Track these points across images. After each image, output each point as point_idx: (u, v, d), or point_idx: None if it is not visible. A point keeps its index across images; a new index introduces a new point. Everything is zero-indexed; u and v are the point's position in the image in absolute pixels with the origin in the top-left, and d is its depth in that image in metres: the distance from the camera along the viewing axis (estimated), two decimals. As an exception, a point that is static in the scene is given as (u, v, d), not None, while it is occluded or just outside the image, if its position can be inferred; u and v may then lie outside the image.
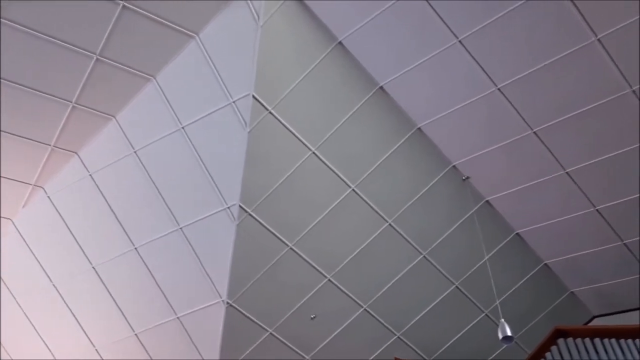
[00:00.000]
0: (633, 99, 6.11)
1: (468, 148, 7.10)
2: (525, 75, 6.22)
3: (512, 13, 5.76)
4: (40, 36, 5.84)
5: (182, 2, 5.94)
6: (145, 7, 5.86)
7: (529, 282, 8.16)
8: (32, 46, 5.88)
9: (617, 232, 7.44)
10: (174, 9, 5.94)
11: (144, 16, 5.91)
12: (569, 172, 6.96)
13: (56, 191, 7.19)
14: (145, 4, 5.85)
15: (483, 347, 8.20)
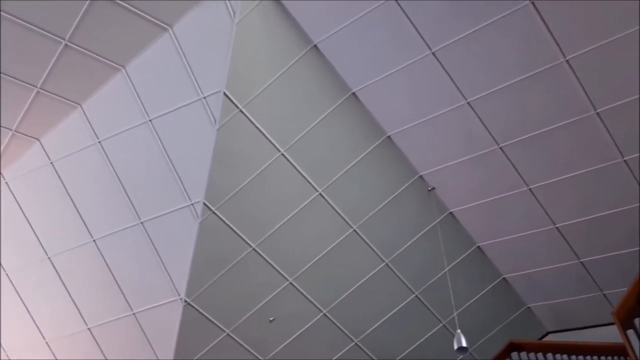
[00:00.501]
0: (597, 121, 6.26)
1: (435, 159, 7.16)
2: (494, 91, 6.31)
3: (486, 29, 5.84)
4: (8, 17, 5.67)
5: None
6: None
7: (487, 295, 8.27)
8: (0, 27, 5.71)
9: (575, 250, 7.60)
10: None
11: (117, 4, 5.80)
12: (532, 188, 7.09)
13: (15, 178, 6.99)
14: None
15: (439, 357, 8.27)
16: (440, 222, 7.63)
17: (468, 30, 5.90)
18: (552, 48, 5.78)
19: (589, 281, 7.89)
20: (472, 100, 6.46)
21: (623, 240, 7.30)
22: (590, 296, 8.08)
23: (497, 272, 8.21)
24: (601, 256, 7.56)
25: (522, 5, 5.52)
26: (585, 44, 5.69)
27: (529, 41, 5.81)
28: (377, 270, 7.73)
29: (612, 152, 6.47)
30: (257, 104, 6.48)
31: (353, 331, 8.02)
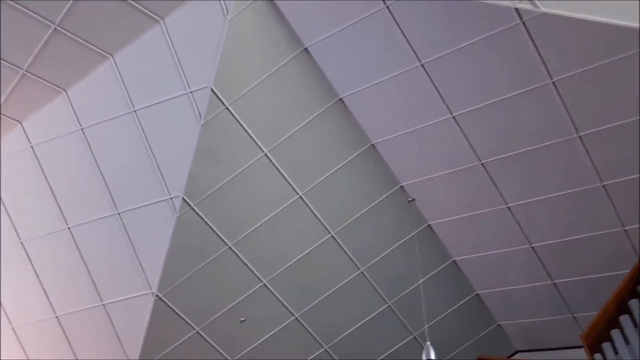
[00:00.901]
0: (579, 145, 6.33)
1: (417, 171, 7.20)
2: (480, 107, 6.36)
3: (476, 45, 5.88)
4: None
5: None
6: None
7: (460, 309, 8.30)
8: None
9: (549, 271, 7.67)
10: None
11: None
12: (510, 206, 7.15)
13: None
14: (113, -20, 5.72)
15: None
16: (418, 233, 7.66)
17: (458, 45, 5.94)
18: (540, 69, 5.84)
19: (560, 303, 7.97)
20: (457, 115, 6.51)
21: (596, 265, 7.38)
22: (561, 318, 8.15)
23: (470, 288, 8.25)
24: (574, 279, 7.63)
25: (513, 24, 5.58)
26: (573, 67, 5.76)
27: (517, 60, 5.87)
28: (352, 278, 7.73)
29: (591, 177, 6.55)
30: (243, 102, 6.47)
31: (323, 337, 8.00)
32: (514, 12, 5.44)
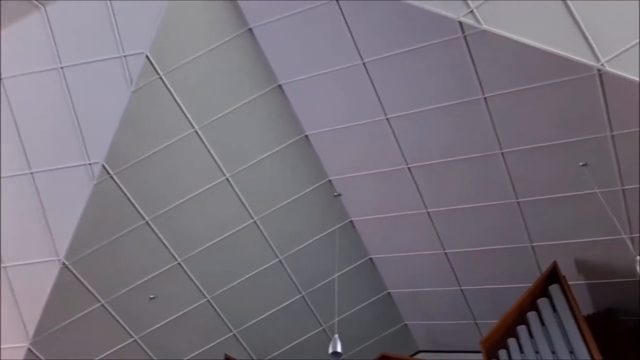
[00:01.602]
0: (500, 160, 6.59)
1: (347, 167, 7.26)
2: (414, 113, 6.49)
3: (418, 51, 5.98)
4: None
5: (94, -63, 5.51)
6: None
7: (370, 306, 8.48)
8: None
9: (458, 277, 7.98)
10: (84, -59, 5.50)
11: (47, -63, 5.41)
12: (430, 212, 7.36)
13: None
14: None
15: (312, 359, 8.38)
16: (340, 228, 7.74)
17: (401, 49, 6.02)
18: (475, 83, 6.02)
19: (465, 309, 8.31)
20: (391, 117, 6.61)
21: (502, 276, 7.74)
22: (464, 323, 8.51)
23: (383, 286, 8.44)
24: (480, 287, 7.97)
25: (455, 36, 5.71)
26: (505, 86, 5.97)
27: (455, 72, 6.02)
28: (269, 265, 7.71)
29: (508, 192, 6.85)
30: (179, 74, 6.26)
31: (233, 321, 7.93)
32: (457, 24, 5.56)
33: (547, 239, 7.11)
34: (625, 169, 6.07)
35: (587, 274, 7.31)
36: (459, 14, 5.49)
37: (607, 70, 5.31)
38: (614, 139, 5.87)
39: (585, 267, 7.23)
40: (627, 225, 6.50)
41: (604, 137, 5.90)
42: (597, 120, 5.79)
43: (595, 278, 7.31)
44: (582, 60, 5.34)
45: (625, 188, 6.22)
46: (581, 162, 6.19)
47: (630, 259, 5.53)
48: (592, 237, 6.86)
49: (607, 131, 5.83)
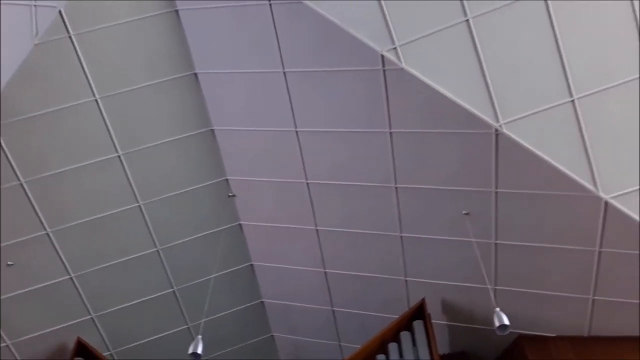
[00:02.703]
0: (393, 194, 6.82)
1: (247, 170, 7.20)
2: (323, 132, 6.57)
3: (339, 74, 6.07)
4: None
5: None
6: None
7: (241, 312, 8.42)
8: None
9: (333, 298, 8.13)
10: None
11: None
12: (319, 229, 7.46)
13: None
14: None
15: (170, 356, 8.14)
16: (227, 229, 7.63)
17: (324, 67, 6.09)
18: (385, 117, 6.21)
19: (333, 330, 8.47)
20: (300, 131, 6.65)
21: (373, 304, 7.98)
22: (329, 343, 8.66)
23: (258, 294, 8.41)
24: (351, 311, 8.17)
25: (375, 68, 5.87)
26: (412, 126, 6.20)
27: (369, 102, 6.17)
28: (145, 253, 7.43)
29: (394, 226, 7.09)
30: (91, 38, 5.92)
31: (95, 305, 7.52)
32: (380, 57, 5.73)
33: (421, 276, 7.44)
34: (501, 224, 6.51)
35: (450, 316, 7.72)
36: (383, 48, 5.66)
37: (503, 131, 5.70)
38: (497, 195, 6.28)
39: (450, 308, 7.63)
40: (494, 277, 6.96)
41: (489, 192, 6.29)
42: (486, 175, 6.17)
43: (456, 321, 7.74)
44: (483, 117, 5.69)
45: (497, 242, 6.66)
46: (465, 210, 6.56)
47: (490, 309, 5.91)
48: (461, 282, 7.26)
49: (493, 187, 6.23)
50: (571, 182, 5.76)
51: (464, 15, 5.52)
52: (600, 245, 6.16)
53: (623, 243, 6.05)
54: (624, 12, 5.41)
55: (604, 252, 6.21)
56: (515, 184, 6.13)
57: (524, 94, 5.66)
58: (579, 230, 6.15)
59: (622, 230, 5.91)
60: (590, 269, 6.41)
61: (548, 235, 6.37)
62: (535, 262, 6.64)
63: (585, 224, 6.06)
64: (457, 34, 5.59)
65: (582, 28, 5.49)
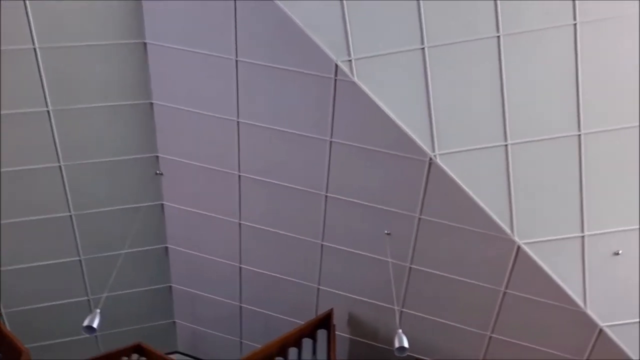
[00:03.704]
0: (322, 202, 6.86)
1: (180, 151, 7.04)
2: (265, 127, 6.53)
3: (291, 74, 6.05)
4: None
5: None
6: None
7: (147, 293, 8.20)
8: None
9: (243, 294, 8.06)
10: None
11: None
12: (242, 224, 7.39)
13: None
14: None
15: (65, 325, 7.81)
16: (148, 207, 7.43)
17: (277, 65, 6.05)
18: (328, 125, 6.24)
19: (237, 326, 8.40)
20: (242, 122, 6.58)
21: (282, 306, 7.99)
22: (230, 338, 8.58)
23: (168, 278, 8.23)
24: (259, 310, 8.14)
25: (328, 76, 5.89)
26: (352, 139, 6.26)
27: (316, 107, 6.19)
28: (58, 216, 7.11)
29: (317, 233, 7.13)
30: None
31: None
32: (334, 66, 5.76)
33: (333, 287, 7.51)
34: (419, 250, 6.69)
35: (355, 330, 7.84)
36: (339, 58, 5.70)
37: (437, 162, 5.86)
38: (420, 221, 6.44)
39: (356, 323, 7.75)
40: (402, 299, 7.12)
41: (413, 217, 6.45)
42: (413, 200, 6.32)
43: (359, 336, 7.87)
44: (421, 144, 5.83)
45: (412, 266, 6.84)
46: (387, 230, 6.69)
47: (393, 330, 6.05)
48: (371, 299, 7.39)
49: (417, 213, 6.39)
50: (490, 222, 6.00)
51: (421, 43, 5.65)
52: (506, 286, 6.45)
53: (527, 288, 6.35)
54: (568, 71, 5.69)
55: (509, 293, 6.50)
56: (438, 214, 6.31)
57: (463, 130, 5.85)
58: (490, 268, 6.41)
59: (529, 276, 6.20)
60: (493, 307, 6.69)
61: (460, 267, 6.60)
62: (444, 292, 6.86)
63: (496, 263, 6.32)
64: (412, 59, 5.70)
65: (528, 79, 5.73)
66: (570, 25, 5.53)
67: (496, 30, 5.58)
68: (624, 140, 5.78)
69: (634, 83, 5.65)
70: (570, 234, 6.00)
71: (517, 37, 5.60)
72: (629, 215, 5.95)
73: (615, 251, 6.04)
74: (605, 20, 5.50)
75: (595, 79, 5.65)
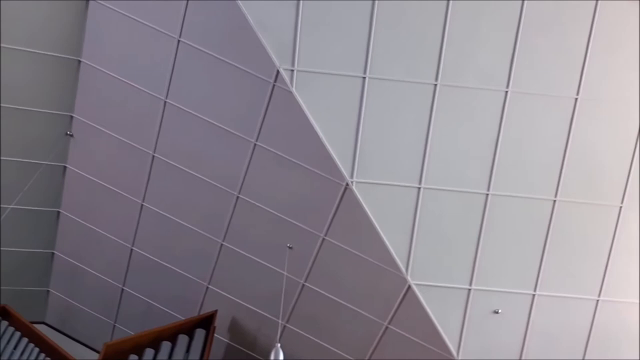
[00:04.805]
0: (232, 202, 6.77)
1: (98, 116, 6.77)
2: (192, 115, 6.38)
3: (231, 69, 5.97)
4: None
5: None
6: None
7: (28, 255, 7.76)
8: None
9: (128, 277, 7.75)
10: None
11: None
12: (144, 205, 7.16)
13: None
14: None
15: None
16: (49, 166, 7.05)
17: (219, 55, 5.96)
18: (256, 128, 6.21)
19: (114, 308, 8.06)
20: (169, 103, 6.41)
21: (166, 298, 7.76)
22: (103, 320, 8.21)
23: (52, 244, 7.80)
24: (141, 296, 7.86)
25: (267, 80, 5.87)
26: (276, 147, 6.26)
27: (248, 108, 6.14)
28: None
29: (220, 231, 7.01)
30: None
31: None
32: (275, 71, 5.76)
33: (223, 288, 7.40)
34: (316, 269, 6.73)
35: (234, 336, 7.74)
36: (282, 65, 5.70)
37: (352, 188, 5.98)
38: (323, 242, 6.51)
39: (237, 329, 7.66)
40: (289, 314, 7.13)
41: (317, 236, 6.50)
42: (321, 220, 6.39)
43: (237, 342, 7.78)
44: (341, 168, 5.93)
45: (305, 284, 6.87)
46: (290, 244, 6.70)
47: (272, 343, 6.02)
48: (258, 308, 7.34)
49: (322, 233, 6.46)
50: (389, 257, 6.16)
51: (364, 72, 5.77)
52: (390, 321, 6.63)
53: (408, 328, 6.56)
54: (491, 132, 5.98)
55: (390, 328, 6.68)
56: (342, 239, 6.41)
57: (384, 164, 6.00)
58: (379, 301, 6.57)
59: (413, 315, 6.41)
60: (374, 339, 6.84)
61: (352, 295, 6.71)
62: (330, 315, 6.94)
63: (386, 298, 6.48)
64: (352, 85, 5.81)
65: (453, 131, 5.97)
66: (503, 91, 5.85)
67: (435, 78, 5.81)
68: (527, 208, 6.13)
69: (548, 159, 6.03)
70: (459, 284, 6.27)
71: (453, 90, 5.84)
72: (515, 279, 6.31)
73: (495, 309, 6.38)
74: (536, 96, 5.86)
75: (514, 147, 5.98)
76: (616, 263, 6.31)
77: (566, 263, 6.27)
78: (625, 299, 6.44)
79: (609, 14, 5.64)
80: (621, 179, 6.12)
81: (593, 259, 6.30)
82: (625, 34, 5.71)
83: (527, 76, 5.80)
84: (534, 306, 6.38)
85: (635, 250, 6.30)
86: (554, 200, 6.09)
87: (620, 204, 6.16)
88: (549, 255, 6.23)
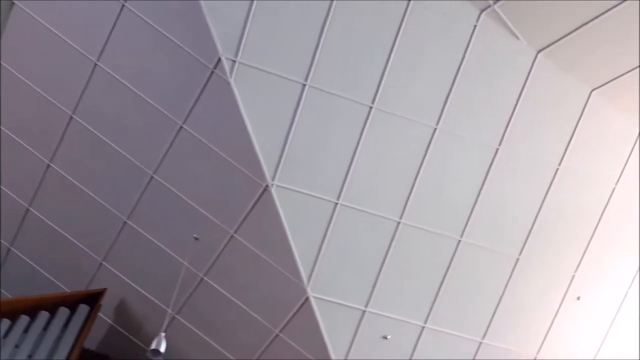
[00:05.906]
0: (146, 180, 6.54)
1: (23, 65, 6.38)
2: (120, 83, 6.14)
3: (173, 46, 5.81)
4: None
5: None
6: None
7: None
8: None
9: (18, 236, 7.31)
10: None
11: None
12: (50, 165, 6.79)
13: None
14: None
15: None
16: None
17: (163, 29, 5.79)
18: (185, 111, 6.05)
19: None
20: (100, 66, 6.14)
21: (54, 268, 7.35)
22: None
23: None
24: (27, 259, 7.41)
25: (206, 64, 5.75)
26: (201, 134, 6.12)
27: (180, 89, 5.98)
28: None
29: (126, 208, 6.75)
30: None
31: None
32: (217, 58, 5.64)
33: (117, 268, 7.10)
34: (218, 265, 6.59)
35: (119, 318, 7.43)
36: (225, 53, 5.60)
37: (271, 190, 5.93)
38: (232, 239, 6.40)
39: (124, 311, 7.36)
40: (180, 305, 6.93)
41: (226, 232, 6.39)
42: (234, 217, 6.29)
43: (121, 325, 7.46)
44: (264, 168, 5.89)
45: (204, 278, 6.71)
46: (197, 235, 6.54)
47: (157, 332, 5.83)
48: (149, 294, 7.09)
49: (232, 230, 6.36)
50: (293, 265, 6.15)
51: (305, 79, 5.77)
52: (282, 330, 6.59)
53: (298, 339, 6.55)
54: (413, 163, 6.14)
55: (280, 337, 6.64)
56: (251, 239, 6.33)
57: (308, 173, 6.01)
58: (274, 308, 6.52)
59: (305, 328, 6.42)
60: (262, 345, 6.78)
61: (249, 297, 6.63)
62: (223, 314, 6.81)
63: (282, 306, 6.45)
64: (291, 89, 5.81)
65: (379, 154, 6.08)
66: (432, 127, 6.02)
67: (372, 100, 5.90)
68: (433, 243, 6.32)
69: (461, 200, 6.26)
70: (355, 304, 6.35)
71: (386, 115, 5.96)
72: (408, 308, 6.47)
73: (384, 335, 6.50)
74: (462, 138, 6.08)
75: (433, 181, 6.16)
76: (505, 309, 6.62)
77: (459, 301, 6.51)
78: (505, 345, 6.78)
79: (541, 75, 5.99)
80: (524, 232, 6.46)
81: (484, 302, 6.58)
82: (554, 95, 6.07)
83: (456, 117, 6.02)
84: (421, 337, 6.56)
85: (523, 301, 6.65)
86: (459, 239, 6.32)
87: (518, 256, 6.49)
88: (444, 291, 6.45)
